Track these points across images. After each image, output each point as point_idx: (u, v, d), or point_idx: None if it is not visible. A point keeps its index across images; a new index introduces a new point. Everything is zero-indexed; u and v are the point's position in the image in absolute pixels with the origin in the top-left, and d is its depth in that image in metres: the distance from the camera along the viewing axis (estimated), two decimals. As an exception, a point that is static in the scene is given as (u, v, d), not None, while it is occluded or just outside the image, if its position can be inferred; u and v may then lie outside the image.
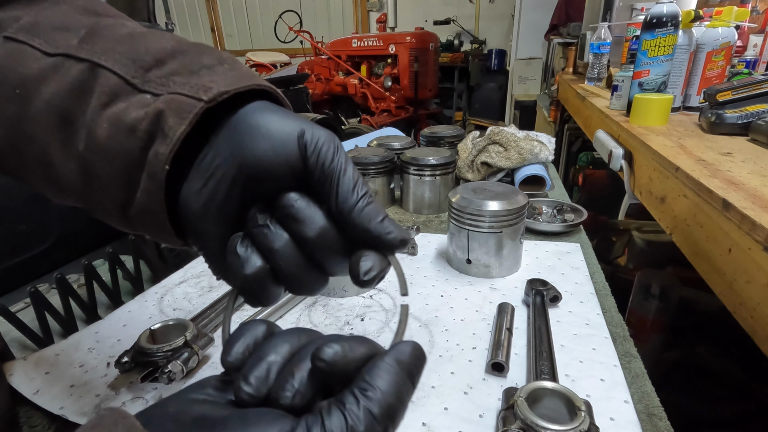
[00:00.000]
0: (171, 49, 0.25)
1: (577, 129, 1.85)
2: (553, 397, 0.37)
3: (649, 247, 1.23)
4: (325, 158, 0.23)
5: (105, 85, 0.23)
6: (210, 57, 0.25)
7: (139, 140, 0.22)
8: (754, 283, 0.45)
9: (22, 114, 0.25)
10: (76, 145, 0.24)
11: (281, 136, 0.23)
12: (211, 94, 0.22)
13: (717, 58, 0.99)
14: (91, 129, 0.23)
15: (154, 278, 0.74)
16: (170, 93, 0.23)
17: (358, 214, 0.23)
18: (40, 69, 0.24)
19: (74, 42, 0.25)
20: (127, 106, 0.23)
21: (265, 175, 0.23)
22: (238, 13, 6.26)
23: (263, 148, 0.22)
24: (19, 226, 1.13)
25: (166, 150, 0.22)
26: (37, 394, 0.44)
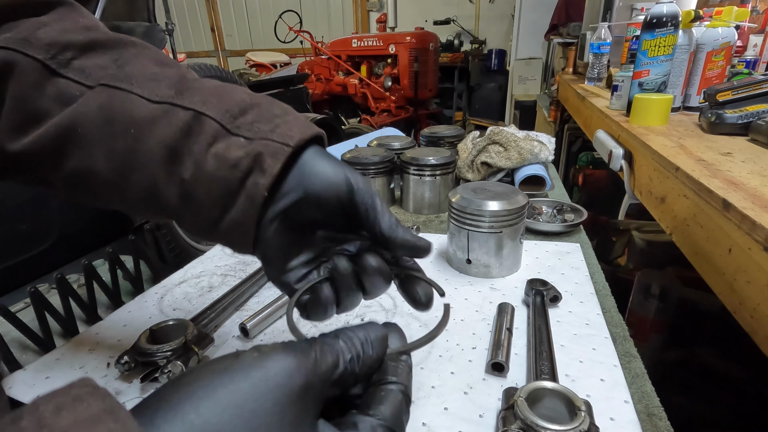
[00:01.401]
0: (249, 101, 0.32)
1: (577, 129, 1.85)
2: (553, 397, 0.37)
3: (649, 247, 1.23)
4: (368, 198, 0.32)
5: (208, 129, 0.30)
6: (277, 108, 0.33)
7: (240, 173, 0.30)
8: (754, 283, 0.45)
9: (134, 149, 0.31)
10: (181, 174, 0.30)
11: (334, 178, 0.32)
12: (293, 142, 0.30)
13: (717, 58, 0.99)
14: (199, 163, 0.30)
15: (154, 278, 0.74)
16: (262, 138, 0.30)
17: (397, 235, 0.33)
18: (150, 113, 0.30)
19: (171, 92, 0.31)
20: (227, 146, 0.30)
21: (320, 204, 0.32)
22: (238, 13, 6.26)
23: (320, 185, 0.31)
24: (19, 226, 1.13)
25: (266, 182, 0.29)
26: (36, 397, 0.44)
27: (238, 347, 0.51)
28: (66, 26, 0.33)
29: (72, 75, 0.31)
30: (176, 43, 2.24)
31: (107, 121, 0.31)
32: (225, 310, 0.56)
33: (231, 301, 0.57)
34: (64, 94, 0.31)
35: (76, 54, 0.32)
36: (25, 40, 0.31)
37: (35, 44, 0.31)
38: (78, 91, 0.31)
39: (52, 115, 0.31)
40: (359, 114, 4.16)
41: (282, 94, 2.48)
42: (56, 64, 0.31)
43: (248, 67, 4.91)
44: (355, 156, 0.89)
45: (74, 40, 0.32)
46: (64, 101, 0.31)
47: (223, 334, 0.53)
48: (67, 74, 0.31)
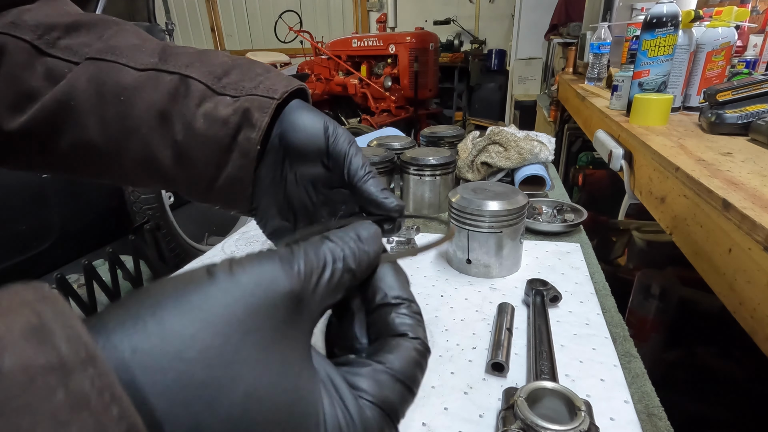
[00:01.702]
0: (231, 63, 0.34)
1: (577, 129, 1.85)
2: (553, 397, 0.37)
3: (649, 247, 1.23)
4: (342, 145, 0.33)
5: (195, 90, 0.32)
6: (259, 67, 0.34)
7: (230, 130, 0.31)
8: (754, 283, 0.45)
9: (125, 115, 0.32)
10: (173, 135, 0.31)
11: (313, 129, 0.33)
12: (278, 95, 0.32)
13: (717, 58, 0.99)
14: (189, 123, 0.31)
15: (154, 278, 0.74)
16: (248, 95, 0.31)
17: (364, 184, 0.32)
18: (136, 80, 0.31)
19: (155, 59, 0.32)
20: (215, 105, 0.31)
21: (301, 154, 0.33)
22: (238, 13, 6.26)
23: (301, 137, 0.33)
24: (19, 226, 1.13)
25: (257, 135, 0.31)
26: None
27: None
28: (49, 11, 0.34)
29: (59, 53, 0.32)
30: (176, 43, 2.24)
31: (97, 92, 0.32)
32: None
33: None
34: (53, 71, 0.32)
35: (62, 34, 0.33)
36: (13, 24, 0.32)
37: (22, 26, 0.32)
38: (66, 68, 0.32)
39: (44, 93, 0.32)
40: (359, 114, 4.16)
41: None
42: (44, 43, 0.32)
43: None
44: (355, 156, 0.89)
45: (59, 21, 0.33)
46: (53, 79, 0.32)
47: (223, 334, 0.53)
48: (55, 53, 0.32)
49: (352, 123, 3.64)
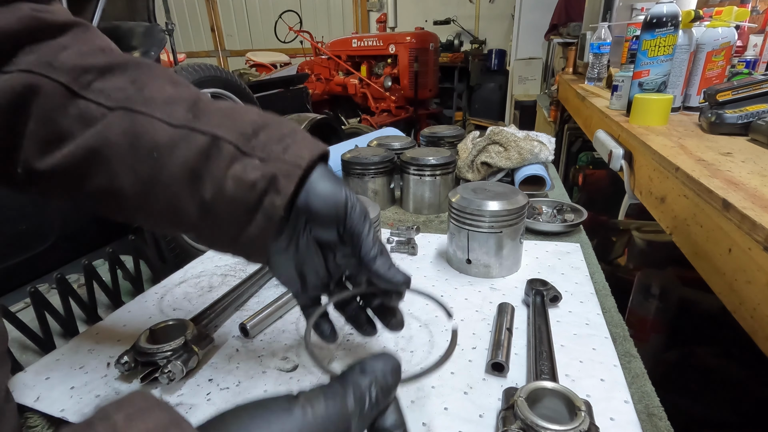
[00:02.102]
0: (260, 122, 0.35)
1: (577, 129, 1.85)
2: (553, 397, 0.37)
3: (649, 247, 1.23)
4: (358, 221, 0.36)
5: (226, 152, 0.33)
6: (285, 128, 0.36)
7: (257, 193, 0.33)
8: (754, 283, 0.45)
9: (157, 170, 0.33)
10: (202, 194, 0.33)
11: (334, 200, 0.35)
12: (304, 163, 0.34)
13: (717, 58, 0.99)
14: (219, 184, 0.33)
15: (154, 278, 0.74)
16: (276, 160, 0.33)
17: (374, 262, 0.36)
18: (170, 137, 0.33)
19: (189, 115, 0.34)
20: (244, 168, 0.33)
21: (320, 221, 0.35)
22: (238, 13, 6.26)
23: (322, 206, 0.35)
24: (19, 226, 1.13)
25: (282, 202, 0.33)
26: (37, 401, 0.44)
27: (238, 347, 0.51)
28: (83, 49, 0.35)
29: (93, 96, 0.33)
30: (176, 43, 2.24)
31: (131, 145, 0.33)
32: (225, 310, 0.56)
33: (231, 301, 0.57)
34: (85, 114, 0.33)
35: (96, 76, 0.34)
36: (49, 64, 0.33)
37: (58, 68, 0.33)
38: (99, 112, 0.33)
39: (75, 135, 0.33)
40: (359, 114, 4.16)
41: (282, 94, 2.47)
42: (78, 86, 0.33)
43: (248, 67, 4.91)
44: (355, 156, 0.89)
45: (94, 63, 0.34)
46: (85, 122, 0.33)
47: (223, 334, 0.53)
48: (88, 96, 0.33)
49: (352, 123, 3.64)
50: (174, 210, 0.34)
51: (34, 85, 0.32)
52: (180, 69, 1.58)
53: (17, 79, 0.32)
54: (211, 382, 0.45)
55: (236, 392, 0.44)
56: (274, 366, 0.48)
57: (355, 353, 0.49)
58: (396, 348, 0.50)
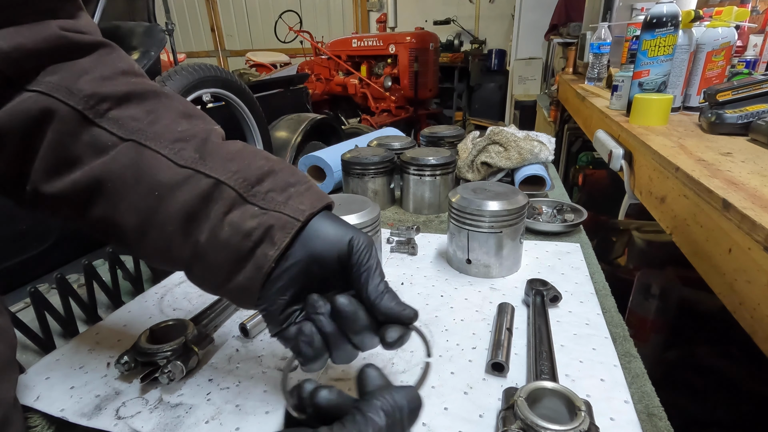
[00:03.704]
0: (267, 168, 0.35)
1: (577, 129, 1.85)
2: (553, 397, 0.37)
3: (649, 247, 1.23)
4: (363, 259, 0.34)
5: (227, 197, 0.33)
6: (292, 176, 0.36)
7: (251, 243, 0.32)
8: (754, 283, 0.45)
9: (156, 209, 0.33)
10: (196, 237, 0.33)
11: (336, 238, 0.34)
12: (303, 217, 0.33)
13: (717, 58, 0.99)
14: (215, 229, 0.33)
15: (154, 278, 0.74)
16: (275, 210, 0.33)
17: (381, 301, 0.34)
18: (174, 177, 0.33)
19: (196, 156, 0.34)
20: (242, 216, 0.33)
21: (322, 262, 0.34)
22: (238, 13, 6.26)
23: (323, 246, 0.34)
24: (19, 226, 1.13)
25: (274, 254, 0.32)
26: (37, 401, 0.44)
27: (238, 347, 0.51)
28: (105, 73, 0.35)
29: (106, 125, 0.33)
30: (176, 43, 2.24)
31: (135, 180, 0.33)
32: (225, 310, 0.56)
33: (231, 301, 0.57)
34: (97, 142, 0.33)
35: (113, 105, 0.34)
36: (67, 90, 0.33)
37: (76, 94, 0.33)
38: (110, 141, 0.33)
39: (84, 162, 0.33)
40: (359, 114, 4.16)
41: (282, 94, 2.47)
42: (93, 113, 0.33)
43: (248, 67, 4.90)
44: (355, 156, 0.89)
45: (113, 92, 0.34)
46: (96, 150, 0.33)
47: (223, 334, 0.53)
48: (102, 124, 0.33)
49: (352, 123, 3.64)
50: (167, 249, 0.34)
51: (50, 109, 0.32)
52: (180, 69, 1.58)
53: (35, 101, 0.32)
54: (211, 382, 0.45)
55: (236, 392, 0.44)
56: (274, 366, 0.48)
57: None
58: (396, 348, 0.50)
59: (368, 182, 0.89)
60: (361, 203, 0.64)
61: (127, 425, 0.40)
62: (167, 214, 0.33)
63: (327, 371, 0.47)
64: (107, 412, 0.41)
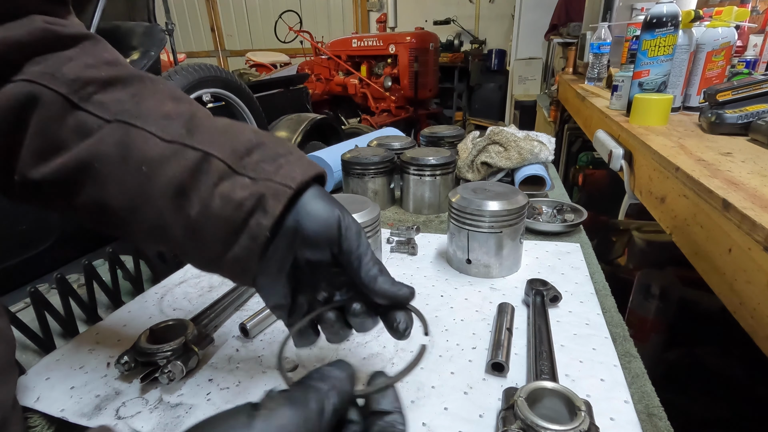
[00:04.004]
0: (255, 141, 0.34)
1: (577, 129, 1.85)
2: (553, 397, 0.37)
3: (649, 247, 1.23)
4: (353, 242, 0.34)
5: (215, 169, 0.32)
6: (281, 147, 0.35)
7: (244, 213, 0.32)
8: (754, 283, 0.45)
9: (145, 186, 0.32)
10: (188, 211, 0.32)
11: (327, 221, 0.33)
12: (295, 184, 0.32)
13: (717, 58, 0.99)
14: (206, 201, 0.32)
15: (154, 278, 0.74)
16: (266, 179, 0.32)
17: (376, 283, 0.34)
18: (161, 152, 0.32)
19: (183, 131, 0.33)
20: (232, 186, 0.32)
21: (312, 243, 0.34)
22: (238, 13, 6.26)
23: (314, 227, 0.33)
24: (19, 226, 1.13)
25: (269, 222, 0.32)
26: (37, 401, 0.44)
27: (238, 347, 0.51)
28: (89, 61, 0.34)
29: (91, 108, 0.33)
30: (176, 43, 2.24)
31: (122, 158, 0.32)
32: (225, 310, 0.56)
33: (231, 301, 0.57)
34: (83, 126, 0.33)
35: (98, 89, 0.34)
36: (51, 75, 0.33)
37: (60, 79, 0.33)
38: (96, 124, 0.33)
39: (71, 146, 0.33)
40: (359, 114, 4.16)
41: (282, 94, 2.47)
42: (78, 98, 0.33)
43: (248, 67, 4.90)
44: (355, 156, 0.89)
45: (97, 76, 0.34)
46: (82, 133, 0.33)
47: (223, 334, 0.53)
48: (87, 107, 0.33)
49: (352, 123, 3.64)
50: (159, 226, 0.34)
51: (34, 95, 0.32)
52: (180, 69, 1.58)
53: (19, 88, 0.32)
54: (211, 382, 0.45)
55: (236, 392, 0.44)
56: (274, 366, 0.48)
57: (351, 356, 0.49)
58: (396, 348, 0.50)
59: (368, 182, 0.89)
60: (361, 203, 0.64)
61: (127, 425, 0.40)
62: (156, 189, 0.32)
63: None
64: (107, 412, 0.41)
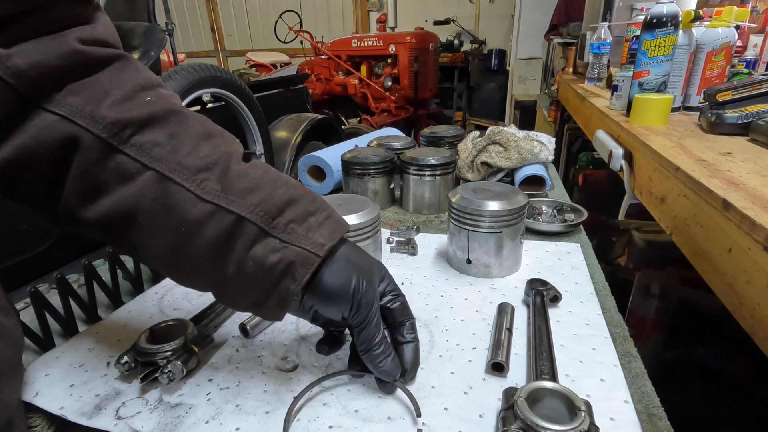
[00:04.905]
0: (287, 198, 0.37)
1: (577, 129, 1.85)
2: (553, 397, 0.37)
3: (649, 247, 1.23)
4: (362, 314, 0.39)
5: (249, 233, 0.36)
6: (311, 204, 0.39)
7: (275, 276, 0.36)
8: (754, 283, 0.45)
9: (185, 243, 0.35)
10: (224, 268, 0.36)
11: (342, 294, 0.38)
12: (323, 252, 0.37)
13: (717, 58, 0.99)
14: (240, 263, 0.36)
15: (154, 278, 0.74)
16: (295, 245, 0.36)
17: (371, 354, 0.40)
18: (199, 214, 0.35)
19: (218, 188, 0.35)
20: (264, 250, 0.36)
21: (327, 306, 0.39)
22: (238, 13, 6.26)
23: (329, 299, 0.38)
24: (19, 226, 1.13)
25: (296, 288, 0.36)
26: (36, 397, 0.44)
27: (238, 347, 0.51)
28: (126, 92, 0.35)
29: (131, 152, 0.34)
30: (176, 43, 2.24)
31: (164, 215, 0.35)
32: (225, 310, 0.56)
33: (231, 301, 0.57)
34: (122, 169, 0.34)
35: (135, 130, 0.35)
36: (91, 117, 0.33)
37: (100, 123, 0.34)
38: (134, 168, 0.34)
39: (111, 190, 0.35)
40: (359, 114, 4.16)
41: (282, 94, 2.47)
42: (117, 140, 0.34)
43: (248, 67, 4.90)
44: (355, 156, 0.89)
45: (135, 117, 0.35)
46: (121, 177, 0.34)
47: (223, 334, 0.53)
48: (126, 150, 0.34)
49: (352, 123, 3.64)
50: (198, 278, 0.38)
51: (76, 137, 0.33)
52: (180, 69, 1.58)
53: (60, 129, 0.33)
54: (211, 382, 0.45)
55: (236, 392, 0.44)
56: (274, 366, 0.48)
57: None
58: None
59: (368, 182, 0.89)
60: (361, 203, 0.64)
61: (127, 425, 0.40)
62: (195, 249, 0.35)
63: (327, 371, 0.47)
64: (107, 412, 0.41)
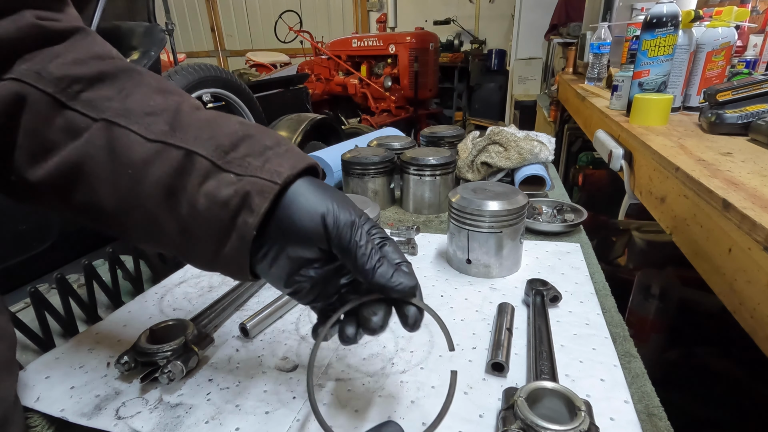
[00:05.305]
0: (241, 133, 0.33)
1: (577, 129, 1.85)
2: (553, 397, 0.37)
3: (649, 247, 1.23)
4: (345, 237, 0.32)
5: (200, 167, 0.32)
6: (269, 139, 0.34)
7: (230, 212, 0.31)
8: (754, 283, 0.45)
9: (133, 188, 0.32)
10: (179, 210, 0.32)
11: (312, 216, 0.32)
12: (281, 179, 0.31)
13: (717, 58, 0.99)
14: (192, 201, 0.32)
15: (154, 278, 0.74)
16: (251, 175, 0.31)
17: (374, 277, 0.32)
18: (145, 154, 0.32)
19: (166, 128, 0.33)
20: (218, 184, 0.31)
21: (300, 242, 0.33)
22: (238, 13, 6.26)
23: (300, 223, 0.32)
24: (19, 226, 1.13)
25: (254, 221, 0.31)
26: (37, 401, 0.44)
27: (238, 347, 0.51)
28: (78, 56, 0.34)
29: (79, 107, 0.33)
30: (176, 43, 2.24)
31: (109, 160, 0.32)
32: (225, 310, 0.56)
33: (231, 301, 0.57)
34: (71, 125, 0.32)
35: (85, 86, 0.33)
36: (38, 74, 0.32)
37: (46, 78, 0.32)
38: (84, 123, 0.32)
39: (61, 147, 0.33)
40: (359, 114, 4.16)
41: (282, 94, 2.47)
42: (65, 96, 0.32)
43: (248, 67, 4.90)
44: (355, 156, 0.89)
45: (84, 73, 0.33)
46: (71, 133, 0.32)
47: (223, 334, 0.53)
48: (75, 106, 0.33)
49: (352, 123, 3.64)
50: (153, 228, 0.34)
51: (22, 95, 0.32)
52: (180, 69, 1.58)
53: (6, 88, 0.32)
54: (211, 382, 0.45)
55: (236, 392, 0.44)
56: (274, 366, 0.48)
57: (351, 356, 0.49)
58: (396, 348, 0.50)
59: (368, 182, 0.89)
60: (361, 203, 0.64)
61: (127, 425, 0.40)
62: (145, 192, 0.32)
63: (327, 371, 0.47)
64: (107, 412, 0.41)
